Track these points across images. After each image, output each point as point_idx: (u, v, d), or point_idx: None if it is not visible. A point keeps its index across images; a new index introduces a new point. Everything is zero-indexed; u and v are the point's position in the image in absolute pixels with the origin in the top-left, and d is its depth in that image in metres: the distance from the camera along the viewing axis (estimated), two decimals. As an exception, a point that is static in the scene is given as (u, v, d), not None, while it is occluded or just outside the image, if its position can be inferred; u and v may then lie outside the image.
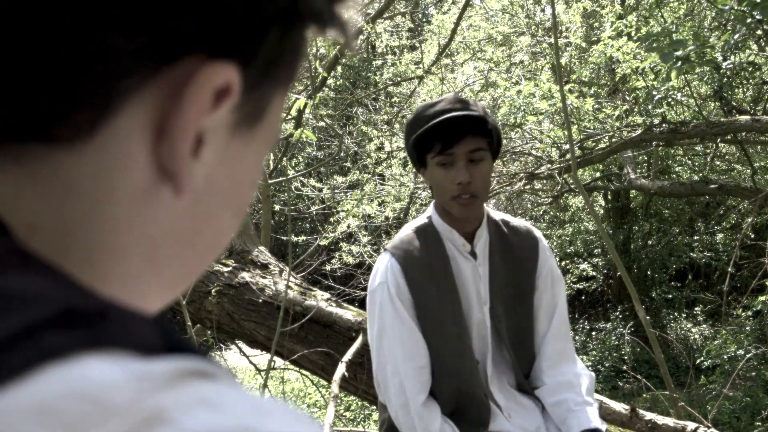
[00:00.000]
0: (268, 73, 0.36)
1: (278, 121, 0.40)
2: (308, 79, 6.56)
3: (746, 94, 8.00)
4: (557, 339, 1.85)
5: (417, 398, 1.73)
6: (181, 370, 0.26)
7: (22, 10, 0.29)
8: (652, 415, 3.07)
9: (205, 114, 0.33)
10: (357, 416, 7.06)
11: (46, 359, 0.24)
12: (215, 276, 3.61)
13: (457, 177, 1.69)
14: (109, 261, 0.34)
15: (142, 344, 0.27)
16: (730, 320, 8.35)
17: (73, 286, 0.29)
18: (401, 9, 8.19)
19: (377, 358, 1.81)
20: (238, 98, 0.34)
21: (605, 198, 10.51)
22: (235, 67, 0.33)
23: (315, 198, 7.65)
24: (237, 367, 7.54)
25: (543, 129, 7.12)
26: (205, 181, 0.36)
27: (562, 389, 1.80)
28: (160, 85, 0.32)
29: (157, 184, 0.34)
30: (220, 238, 0.40)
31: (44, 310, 0.26)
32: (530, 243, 1.88)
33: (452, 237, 1.80)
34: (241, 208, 0.40)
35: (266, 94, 0.37)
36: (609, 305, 10.39)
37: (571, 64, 7.84)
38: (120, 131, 0.32)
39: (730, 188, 6.93)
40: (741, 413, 6.65)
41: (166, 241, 0.36)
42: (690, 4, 7.06)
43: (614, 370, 8.13)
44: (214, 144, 0.35)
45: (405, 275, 1.77)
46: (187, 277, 0.39)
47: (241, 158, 0.38)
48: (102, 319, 0.27)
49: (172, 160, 0.33)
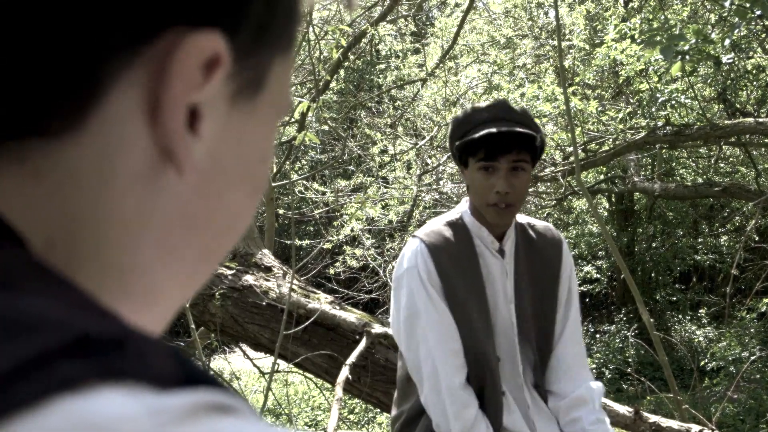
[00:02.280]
0: (262, 39, 0.35)
1: (285, 89, 0.39)
2: (312, 82, 6.57)
3: (750, 96, 7.99)
4: (571, 345, 1.85)
5: (453, 380, 1.71)
6: (199, 404, 0.25)
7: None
8: (656, 418, 3.07)
9: (196, 87, 0.32)
10: (361, 419, 7.06)
11: (58, 390, 0.23)
12: (219, 279, 3.62)
13: (497, 186, 1.70)
14: (120, 254, 0.33)
15: (159, 375, 0.26)
16: (735, 322, 8.34)
17: (91, 307, 0.28)
18: (404, 12, 8.20)
19: (407, 343, 1.78)
20: (231, 67, 0.33)
21: (609, 200, 10.50)
22: (220, 35, 0.32)
23: (318, 201, 7.65)
24: (241, 370, 7.54)
25: (547, 131, 7.12)
26: (209, 158, 0.34)
27: (576, 406, 1.79)
28: (146, 62, 0.31)
29: (159, 166, 0.33)
30: (236, 219, 0.38)
31: (59, 336, 0.25)
32: (555, 245, 1.89)
33: (481, 234, 1.81)
34: (257, 187, 0.39)
35: (264, 60, 0.36)
36: (613, 307, 10.37)
37: (575, 67, 7.84)
38: (113, 115, 0.31)
39: (734, 190, 6.92)
40: (745, 415, 6.64)
41: (177, 225, 0.35)
42: (693, 6, 7.06)
43: (618, 372, 8.12)
44: (213, 117, 0.34)
45: (435, 261, 1.77)
46: (206, 263, 0.38)
47: (246, 131, 0.36)
48: (118, 348, 0.26)
49: (167, 138, 0.32)
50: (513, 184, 1.70)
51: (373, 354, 3.19)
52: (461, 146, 1.73)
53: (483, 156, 1.70)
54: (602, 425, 1.77)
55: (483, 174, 1.72)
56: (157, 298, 0.36)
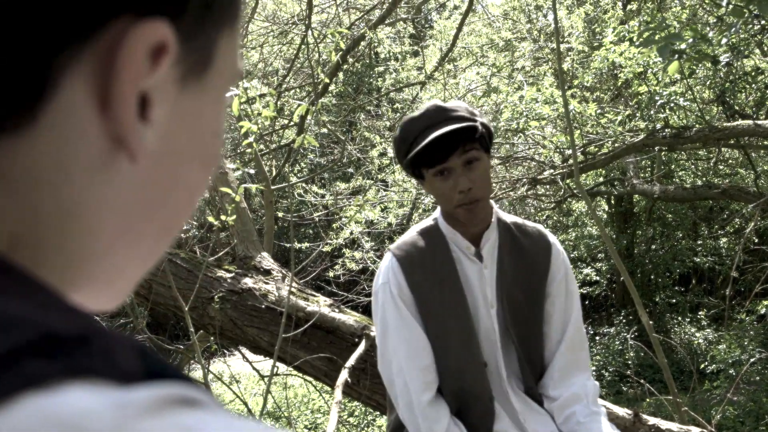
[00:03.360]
0: (207, 18, 0.35)
1: (232, 60, 0.39)
2: (311, 85, 6.58)
3: (749, 98, 8.00)
4: (571, 350, 1.82)
5: (421, 397, 1.72)
6: (164, 398, 0.25)
7: None
8: (655, 420, 3.07)
9: (144, 75, 0.32)
10: (360, 422, 7.06)
11: (25, 387, 0.23)
12: (218, 282, 3.62)
13: (458, 186, 1.69)
14: (81, 242, 0.33)
15: (124, 371, 0.26)
16: (734, 324, 8.34)
17: (56, 304, 0.28)
18: (403, 15, 8.21)
19: (382, 358, 1.80)
20: (177, 51, 0.33)
21: (608, 203, 10.50)
22: (165, 23, 0.32)
23: (318, 204, 7.65)
24: (240, 373, 7.54)
25: (546, 134, 7.12)
26: (161, 141, 0.35)
27: (570, 403, 1.78)
28: (94, 54, 0.31)
29: (112, 155, 0.33)
30: (191, 194, 0.39)
31: (24, 335, 0.25)
32: (542, 247, 1.85)
33: (456, 239, 1.80)
34: (209, 161, 0.39)
35: (210, 38, 0.36)
36: (613, 310, 10.37)
37: (574, 69, 7.85)
38: (63, 109, 0.31)
39: (734, 193, 6.92)
40: (745, 418, 6.63)
41: (135, 209, 0.35)
42: (692, 8, 7.07)
43: (618, 374, 8.11)
44: (163, 102, 0.34)
45: (406, 275, 1.77)
46: (164, 238, 0.39)
47: (196, 109, 0.37)
48: (83, 345, 0.26)
49: (119, 127, 0.32)
50: (472, 179, 1.69)
51: (372, 357, 3.18)
52: (410, 162, 1.72)
53: (433, 163, 1.69)
54: (596, 417, 1.75)
55: (440, 179, 1.71)
56: (119, 277, 0.37)
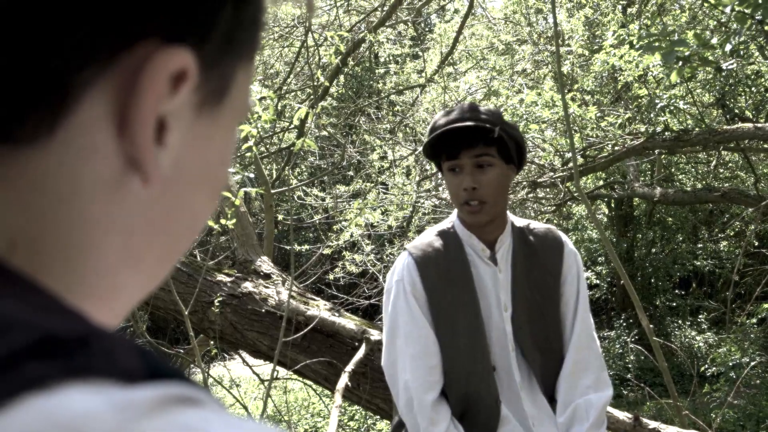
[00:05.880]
0: (228, 49, 0.36)
1: (246, 94, 0.39)
2: (311, 88, 6.58)
3: (748, 102, 8.00)
4: (578, 348, 1.82)
5: (424, 397, 1.71)
6: (164, 397, 0.25)
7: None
8: (656, 424, 3.07)
9: (164, 100, 0.33)
10: (361, 426, 7.05)
11: (26, 389, 0.23)
12: (218, 286, 3.61)
13: (463, 183, 1.71)
14: (85, 258, 0.33)
15: (124, 371, 0.26)
16: (735, 328, 8.33)
17: (55, 307, 0.28)
18: (403, 18, 8.21)
19: (387, 354, 1.80)
20: (197, 78, 0.34)
21: (609, 206, 10.50)
22: (189, 50, 0.33)
23: (318, 207, 7.65)
24: (240, 377, 7.53)
25: (546, 137, 7.12)
26: (174, 166, 0.35)
27: (571, 423, 1.76)
28: (117, 74, 0.31)
29: (125, 175, 0.33)
30: (195, 221, 0.39)
31: (24, 337, 0.25)
32: (555, 247, 1.86)
33: (472, 242, 1.80)
34: (216, 190, 0.40)
35: (228, 69, 0.37)
36: (613, 313, 10.36)
37: (574, 73, 7.85)
38: (81, 125, 0.31)
39: (734, 196, 6.92)
40: (745, 421, 6.62)
41: (140, 231, 0.35)
42: (692, 12, 7.07)
43: (618, 378, 8.10)
44: (179, 127, 0.34)
45: (421, 274, 1.78)
46: (165, 263, 0.39)
47: (209, 137, 0.37)
48: (83, 346, 0.26)
49: (135, 149, 0.33)
50: (479, 180, 1.70)
51: (372, 361, 3.18)
52: (426, 151, 1.76)
53: (446, 156, 1.73)
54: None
55: (452, 175, 1.74)
56: (118, 297, 0.37)
